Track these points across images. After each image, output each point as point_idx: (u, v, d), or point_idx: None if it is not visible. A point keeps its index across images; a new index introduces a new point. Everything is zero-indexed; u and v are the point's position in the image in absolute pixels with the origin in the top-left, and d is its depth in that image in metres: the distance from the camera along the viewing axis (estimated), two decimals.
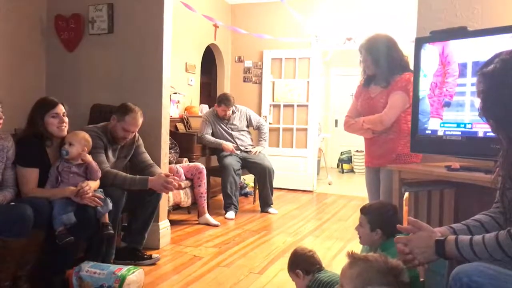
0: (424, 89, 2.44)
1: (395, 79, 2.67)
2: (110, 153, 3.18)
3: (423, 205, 2.65)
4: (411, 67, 2.58)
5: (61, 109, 2.77)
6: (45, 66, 3.96)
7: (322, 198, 6.27)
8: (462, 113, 2.25)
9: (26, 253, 2.43)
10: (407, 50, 2.99)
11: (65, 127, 2.76)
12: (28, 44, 3.80)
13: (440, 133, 2.36)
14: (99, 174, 2.81)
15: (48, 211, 2.51)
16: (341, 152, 9.55)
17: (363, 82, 2.88)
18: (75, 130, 2.87)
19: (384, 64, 2.69)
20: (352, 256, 1.48)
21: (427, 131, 2.42)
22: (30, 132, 2.74)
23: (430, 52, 2.42)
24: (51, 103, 2.76)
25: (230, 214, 4.81)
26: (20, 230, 2.32)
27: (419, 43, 2.48)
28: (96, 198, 2.65)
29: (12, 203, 2.46)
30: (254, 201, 5.59)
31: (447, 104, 2.32)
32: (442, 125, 2.35)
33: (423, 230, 1.55)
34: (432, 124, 2.40)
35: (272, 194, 5.19)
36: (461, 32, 2.35)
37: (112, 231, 2.76)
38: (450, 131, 2.30)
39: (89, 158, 2.78)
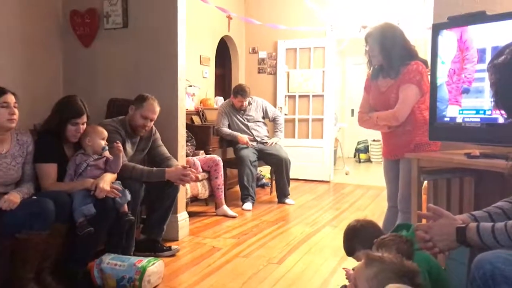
0: (441, 76, 2.40)
1: (404, 69, 2.61)
2: (128, 146, 3.22)
3: (442, 193, 2.63)
4: (423, 55, 2.53)
5: (83, 118, 2.79)
6: (62, 62, 4.01)
7: (339, 188, 6.25)
8: (481, 100, 2.22)
9: (48, 246, 2.47)
10: (423, 37, 2.94)
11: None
12: (45, 40, 3.84)
13: (459, 120, 2.32)
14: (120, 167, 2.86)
15: (69, 204, 2.55)
16: (358, 142, 9.49)
17: (371, 75, 2.83)
18: (93, 124, 2.91)
19: (392, 53, 2.62)
20: (367, 256, 1.47)
21: (445, 119, 2.38)
22: (48, 128, 2.79)
23: (448, 38, 2.38)
24: (78, 111, 2.76)
25: (247, 205, 4.82)
26: (43, 223, 2.36)
27: (436, 29, 2.44)
28: (114, 190, 2.69)
29: (34, 197, 2.51)
30: (271, 192, 5.60)
31: (466, 91, 2.29)
32: (461, 112, 2.31)
33: (444, 218, 1.53)
34: (451, 111, 2.36)
35: (289, 185, 5.19)
36: (480, 17, 2.30)
37: (132, 217, 2.81)
38: (469, 118, 2.27)
39: (120, 150, 2.85)
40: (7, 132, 2.55)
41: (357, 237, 2.01)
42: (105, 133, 2.90)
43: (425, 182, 2.64)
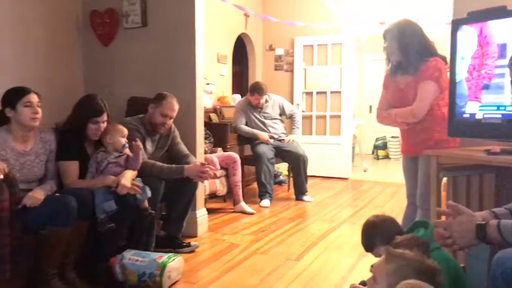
0: (461, 72, 2.38)
1: (422, 66, 2.59)
2: (148, 144, 3.27)
3: (462, 190, 2.60)
4: (442, 51, 2.51)
5: (103, 117, 2.84)
6: (82, 61, 4.07)
7: (357, 185, 6.23)
8: (502, 96, 2.19)
9: (71, 242, 2.53)
10: (443, 33, 2.92)
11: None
12: (66, 40, 3.90)
13: (478, 116, 2.30)
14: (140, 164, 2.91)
15: (90, 201, 2.60)
16: (376, 138, 9.43)
17: (390, 71, 2.81)
18: (114, 122, 2.97)
19: (410, 50, 2.60)
20: (388, 252, 1.47)
21: (465, 115, 2.36)
22: (69, 127, 2.85)
23: (468, 34, 2.35)
24: (99, 110, 2.81)
25: (265, 202, 4.84)
26: (66, 220, 2.42)
27: (456, 25, 2.41)
28: (135, 187, 2.73)
29: (57, 194, 2.56)
30: (289, 189, 5.61)
31: (486, 87, 2.26)
32: (481, 108, 2.29)
33: (464, 214, 1.53)
34: (470, 108, 2.34)
35: (306, 182, 5.19)
36: (500, 12, 2.27)
37: (153, 212, 2.86)
38: (489, 114, 2.24)
39: (139, 148, 2.89)
40: (30, 131, 2.62)
41: (377, 233, 1.99)
42: (125, 131, 2.94)
43: (444, 179, 2.62)
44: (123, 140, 2.88)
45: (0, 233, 2.09)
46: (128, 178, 2.74)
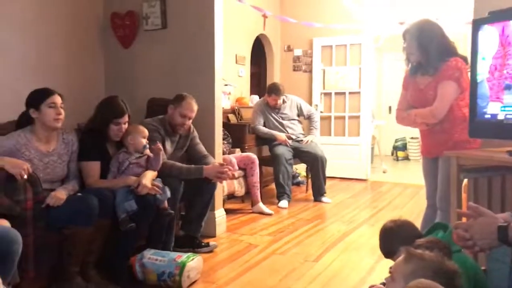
0: (482, 73, 2.35)
1: (442, 66, 2.56)
2: (168, 145, 3.31)
3: (483, 192, 2.57)
4: (462, 51, 2.48)
5: (125, 118, 2.89)
6: (103, 63, 4.14)
7: (376, 186, 6.18)
8: None
9: (93, 240, 2.58)
10: (463, 32, 2.88)
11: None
12: (87, 42, 3.98)
13: (500, 117, 2.26)
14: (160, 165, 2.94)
15: (112, 201, 2.65)
16: (396, 139, 9.34)
17: (409, 72, 2.78)
18: (135, 123, 3.01)
19: (430, 50, 2.57)
20: (408, 252, 1.45)
21: (486, 116, 2.33)
22: (91, 128, 2.90)
23: (489, 33, 2.32)
24: (120, 112, 2.86)
25: (283, 203, 4.84)
26: (87, 219, 2.47)
27: (477, 24, 2.38)
28: (155, 187, 2.77)
29: (79, 194, 2.61)
30: (307, 190, 5.59)
31: (508, 87, 2.23)
32: (502, 108, 2.25)
33: (485, 216, 1.51)
34: (492, 108, 2.31)
35: (325, 183, 5.17)
36: None
37: (172, 211, 2.90)
38: (511, 114, 2.21)
39: (160, 149, 2.94)
40: (53, 132, 2.67)
41: (396, 238, 1.93)
42: (146, 132, 2.98)
43: (465, 181, 2.59)
44: (144, 141, 2.92)
45: (24, 232, 2.13)
46: (148, 178, 2.78)
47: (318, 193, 5.12)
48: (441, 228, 1.88)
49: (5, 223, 2.09)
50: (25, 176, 2.33)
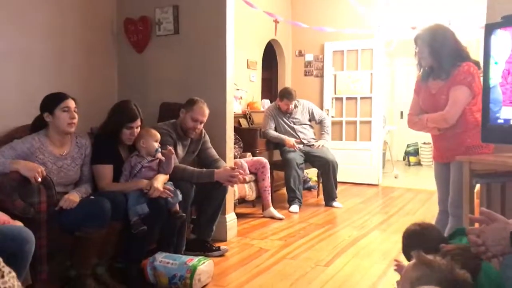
0: (495, 77, 2.33)
1: (455, 71, 2.55)
2: (179, 149, 3.33)
3: (496, 197, 2.55)
4: (475, 56, 2.46)
5: (137, 122, 2.92)
6: (117, 68, 4.18)
7: (388, 191, 6.15)
8: None
9: (105, 243, 2.61)
10: (476, 37, 2.86)
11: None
12: (101, 47, 4.02)
13: None
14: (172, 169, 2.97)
15: (124, 204, 2.68)
16: (408, 145, 9.29)
17: (421, 76, 2.77)
18: (147, 127, 3.04)
19: (442, 55, 2.56)
20: (418, 257, 1.43)
21: (499, 121, 2.32)
22: (104, 132, 2.93)
23: (502, 38, 2.31)
24: (133, 116, 2.89)
25: (294, 207, 4.84)
26: (100, 222, 2.49)
27: (490, 29, 2.37)
28: (166, 190, 2.79)
29: (92, 197, 2.64)
30: (318, 195, 5.58)
31: None
32: None
33: (497, 222, 1.49)
34: (505, 113, 2.29)
35: (336, 188, 5.15)
36: None
37: (184, 214, 2.92)
38: None
39: (172, 153, 2.97)
40: (67, 135, 2.71)
41: (419, 241, 1.87)
42: (158, 136, 3.00)
43: (478, 186, 2.57)
44: (156, 145, 2.95)
45: (37, 234, 2.16)
46: (160, 181, 2.81)
47: (329, 198, 5.11)
48: (461, 233, 1.85)
49: (19, 224, 2.12)
50: (39, 179, 2.36)
